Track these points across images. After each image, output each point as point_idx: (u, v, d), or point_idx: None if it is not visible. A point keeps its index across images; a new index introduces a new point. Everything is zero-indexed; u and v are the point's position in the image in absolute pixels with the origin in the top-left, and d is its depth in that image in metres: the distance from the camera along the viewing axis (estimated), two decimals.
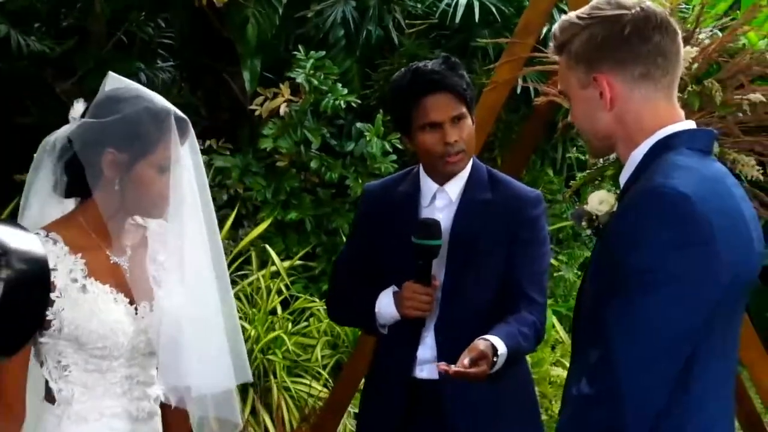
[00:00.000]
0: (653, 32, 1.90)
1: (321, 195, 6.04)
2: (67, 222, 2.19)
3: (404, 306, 2.70)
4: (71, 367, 2.14)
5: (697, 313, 1.76)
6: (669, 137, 1.91)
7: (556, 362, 5.68)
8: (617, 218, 1.92)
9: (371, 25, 6.39)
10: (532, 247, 2.78)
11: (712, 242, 1.75)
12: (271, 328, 5.20)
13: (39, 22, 6.75)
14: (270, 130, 5.87)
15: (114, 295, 2.18)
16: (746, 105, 3.49)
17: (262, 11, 6.00)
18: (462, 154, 2.74)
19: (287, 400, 4.90)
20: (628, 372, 1.75)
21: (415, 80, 2.74)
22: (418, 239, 2.68)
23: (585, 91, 1.95)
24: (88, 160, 2.14)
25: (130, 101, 2.16)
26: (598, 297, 1.89)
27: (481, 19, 6.05)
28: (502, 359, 2.50)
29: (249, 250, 5.67)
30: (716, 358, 1.88)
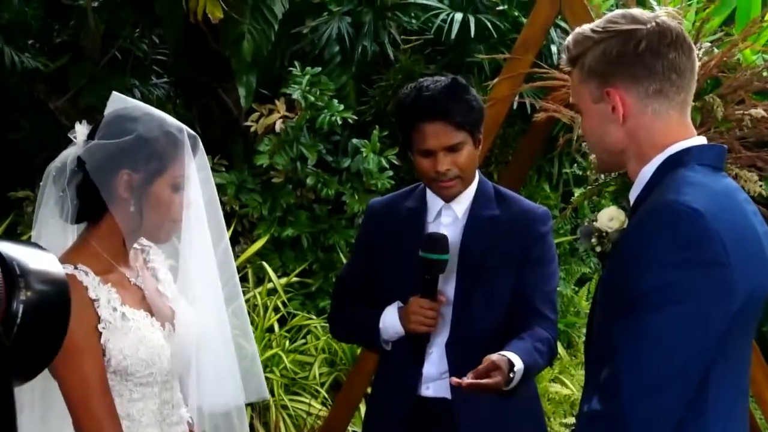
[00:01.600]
0: (668, 48, 1.89)
1: (317, 211, 6.03)
2: (83, 250, 2.14)
3: (410, 321, 2.68)
4: (116, 399, 2.09)
5: (709, 336, 1.74)
6: (680, 153, 1.90)
7: (555, 378, 5.67)
8: (627, 235, 1.91)
9: (367, 41, 6.39)
10: (542, 264, 2.78)
11: (725, 261, 1.74)
12: (268, 345, 5.18)
13: (32, 38, 6.75)
14: (266, 147, 5.86)
15: (150, 319, 2.15)
16: (747, 120, 3.49)
17: (257, 27, 5.99)
18: (456, 180, 2.74)
19: (285, 418, 4.88)
20: (633, 396, 1.73)
21: (416, 103, 2.74)
22: (425, 253, 2.67)
23: (597, 105, 1.94)
24: (102, 182, 2.10)
25: (142, 120, 2.13)
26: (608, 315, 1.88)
27: (476, 34, 6.07)
28: (519, 374, 2.49)
29: (245, 267, 5.65)
30: (730, 379, 1.86)
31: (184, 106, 6.58)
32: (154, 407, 2.16)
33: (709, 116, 3.45)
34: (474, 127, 2.76)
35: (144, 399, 2.13)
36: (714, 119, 3.46)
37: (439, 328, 2.72)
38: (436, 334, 2.73)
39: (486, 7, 6.32)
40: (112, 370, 2.07)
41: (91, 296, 2.04)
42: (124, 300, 2.11)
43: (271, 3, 6.07)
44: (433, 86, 2.74)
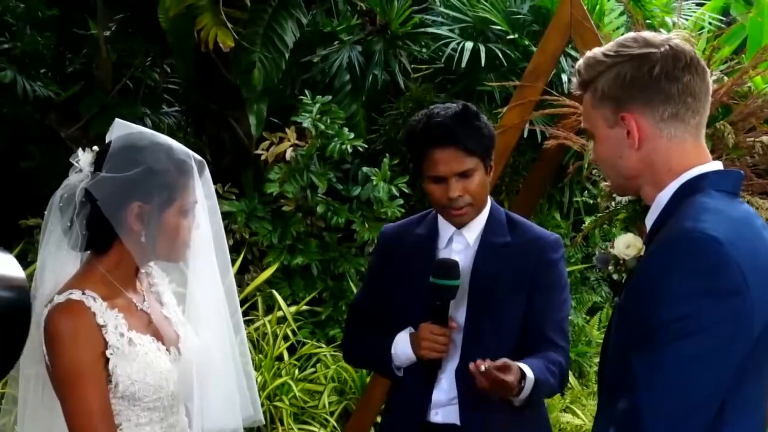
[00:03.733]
0: (683, 72, 1.87)
1: (327, 239, 6.00)
2: (91, 275, 2.13)
3: (421, 347, 2.67)
4: (123, 424, 2.08)
5: (727, 367, 1.72)
6: (696, 178, 1.87)
7: (566, 408, 5.62)
8: (645, 263, 1.87)
9: (377, 70, 6.40)
10: (553, 292, 2.77)
11: (745, 290, 1.71)
12: (277, 374, 5.16)
13: (44, 68, 6.76)
14: (276, 175, 5.84)
15: (156, 344, 2.14)
16: (759, 147, 3.47)
17: (268, 56, 5.99)
18: (467, 207, 2.73)
19: None
20: (655, 424, 1.71)
21: (427, 130, 2.73)
22: (436, 279, 2.67)
23: (612, 130, 1.91)
24: (113, 215, 2.09)
25: (150, 150, 2.12)
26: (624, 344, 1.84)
27: (487, 63, 6.05)
28: (529, 385, 2.50)
29: (255, 295, 5.65)
30: (747, 410, 1.83)
31: (195, 134, 6.58)
32: (161, 430, 2.12)
33: (721, 143, 3.43)
34: (485, 153, 2.75)
35: (151, 423, 2.12)
36: (725, 146, 3.44)
37: (449, 354, 2.71)
38: (447, 360, 2.73)
39: (496, 36, 6.32)
40: (119, 395, 2.05)
41: (99, 322, 2.04)
42: (131, 325, 2.10)
43: (282, 32, 6.07)
44: (444, 113, 2.74)
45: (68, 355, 2.00)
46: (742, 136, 3.53)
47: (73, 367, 2.00)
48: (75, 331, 2.01)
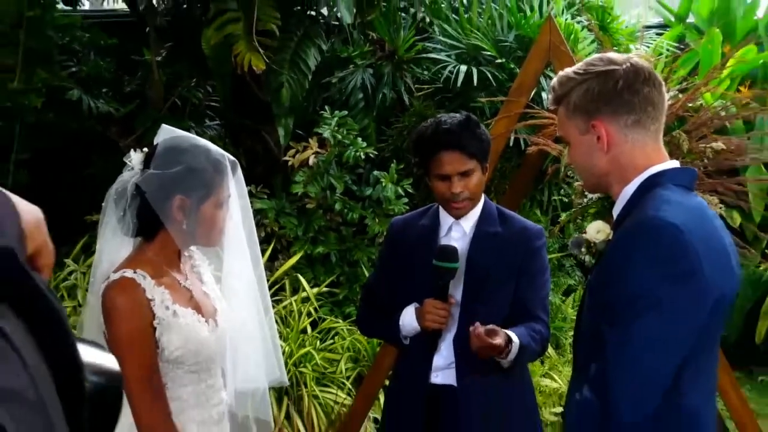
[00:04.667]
0: (643, 85, 1.87)
1: (344, 232, 6.00)
2: (141, 258, 2.12)
3: (424, 319, 2.68)
4: (169, 384, 2.07)
5: (685, 338, 1.72)
6: (657, 175, 1.86)
7: (545, 374, 5.60)
8: (613, 247, 1.87)
9: (386, 89, 6.41)
10: (537, 274, 2.76)
11: (700, 270, 1.70)
12: (302, 345, 5.16)
13: (106, 88, 6.78)
14: (301, 178, 5.86)
15: (197, 316, 2.13)
16: (709, 152, 3.47)
17: (294, 77, 6.01)
18: (467, 201, 2.74)
19: (316, 407, 4.84)
20: (621, 385, 1.70)
21: (435, 135, 2.73)
22: (438, 262, 2.67)
23: (584, 137, 1.91)
24: (159, 206, 2.09)
25: (191, 152, 2.11)
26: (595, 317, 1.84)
27: (478, 83, 6.07)
28: (515, 348, 2.51)
29: (283, 279, 5.64)
30: (701, 376, 1.82)
31: (232, 144, 6.57)
32: (200, 390, 2.14)
33: (677, 149, 3.43)
34: (483, 156, 2.76)
35: (191, 384, 2.11)
36: (681, 152, 3.44)
37: (448, 325, 2.72)
38: (446, 330, 2.73)
39: (486, 61, 6.32)
40: (165, 359, 2.05)
41: (148, 296, 2.03)
42: (175, 300, 2.09)
43: (306, 57, 6.08)
44: (450, 121, 2.75)
45: (122, 324, 1.99)
46: (695, 143, 3.53)
47: (127, 335, 1.99)
48: (128, 304, 2.00)
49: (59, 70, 6.75)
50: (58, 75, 6.67)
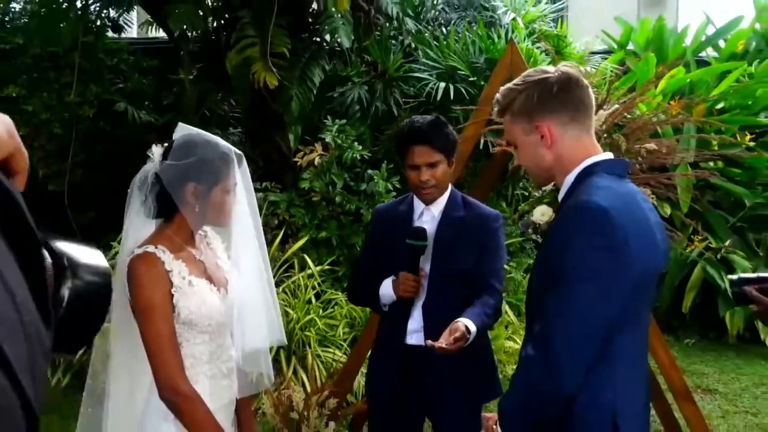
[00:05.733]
0: (574, 87, 1.82)
1: (343, 220, 5.95)
2: (161, 236, 2.05)
3: (399, 289, 2.63)
4: (184, 344, 2.00)
5: (614, 301, 1.65)
6: (592, 165, 1.80)
7: (509, 338, 5.55)
8: (554, 227, 1.81)
9: (378, 102, 6.35)
10: (493, 250, 2.68)
11: (626, 245, 1.65)
12: (307, 313, 5.10)
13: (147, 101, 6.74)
14: (307, 175, 5.81)
15: (209, 285, 2.06)
16: (643, 152, 3.41)
17: (302, 92, 5.97)
18: (433, 188, 2.67)
19: (318, 364, 4.79)
20: (559, 343, 1.65)
21: (409, 132, 2.67)
22: (411, 240, 2.63)
23: (528, 137, 1.85)
24: (175, 192, 2.02)
25: (202, 145, 2.05)
26: (541, 286, 1.78)
27: (454, 97, 6.01)
28: (473, 336, 2.44)
29: (292, 258, 5.60)
30: (632, 335, 1.77)
31: (251, 148, 6.52)
32: (211, 349, 2.07)
33: (617, 150, 3.37)
34: (449, 151, 2.68)
35: (204, 343, 2.04)
36: (620, 152, 3.37)
37: (419, 294, 2.66)
38: (417, 299, 2.66)
39: (461, 79, 6.27)
40: (181, 321, 1.98)
41: (167, 268, 1.97)
42: (191, 271, 2.02)
43: (312, 75, 6.04)
44: (422, 121, 2.69)
45: (144, 292, 1.93)
46: (632, 144, 3.46)
47: (148, 302, 1.93)
48: (148, 274, 1.94)
49: (109, 86, 6.71)
50: (108, 90, 6.64)
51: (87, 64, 6.43)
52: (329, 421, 3.85)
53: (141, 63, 7.03)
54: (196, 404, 1.97)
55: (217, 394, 2.07)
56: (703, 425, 3.60)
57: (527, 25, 7.11)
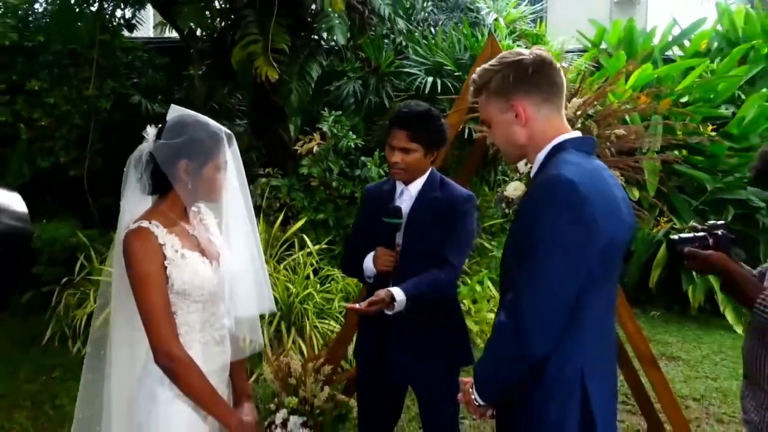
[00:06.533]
0: (548, 69, 1.72)
1: (339, 203, 5.85)
2: (156, 211, 1.95)
3: (376, 264, 2.55)
4: (178, 313, 1.91)
5: (579, 270, 1.57)
6: (562, 143, 1.71)
7: (490, 310, 5.46)
8: (525, 201, 1.71)
9: (371, 96, 6.25)
10: (458, 229, 2.55)
11: (592, 218, 1.56)
12: (306, 287, 5.01)
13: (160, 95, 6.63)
14: (307, 162, 5.72)
15: (201, 258, 1.96)
16: (613, 137, 3.32)
17: (301, 85, 5.87)
18: (401, 171, 2.56)
19: (316, 335, 4.71)
20: (529, 310, 1.57)
21: (396, 114, 2.57)
22: (386, 218, 2.54)
23: (504, 116, 1.75)
24: (168, 169, 1.92)
25: (193, 125, 1.94)
26: (513, 257, 1.69)
27: (441, 91, 5.91)
28: (401, 302, 2.39)
29: (293, 238, 5.51)
30: (599, 303, 1.68)
31: (256, 138, 6.42)
32: (204, 318, 1.98)
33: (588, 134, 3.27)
34: (428, 143, 2.55)
35: (197, 312, 1.95)
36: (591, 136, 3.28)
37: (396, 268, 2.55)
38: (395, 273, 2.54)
39: (448, 74, 6.18)
40: (175, 291, 1.89)
41: (160, 242, 1.87)
42: (184, 245, 1.93)
43: (310, 70, 5.94)
44: (411, 108, 2.57)
45: (139, 265, 1.84)
46: (602, 130, 3.37)
47: (143, 274, 1.84)
48: (142, 247, 1.85)
49: (124, 81, 6.60)
50: (124, 85, 6.52)
51: (104, 60, 6.31)
52: (324, 385, 3.78)
53: (154, 60, 6.91)
54: (191, 369, 1.88)
55: (209, 359, 1.98)
56: (668, 389, 3.53)
57: (508, 25, 7.01)
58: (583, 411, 1.63)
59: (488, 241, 6.16)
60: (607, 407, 1.70)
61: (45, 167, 6.21)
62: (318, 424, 3.71)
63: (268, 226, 5.47)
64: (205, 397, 1.92)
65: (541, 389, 1.64)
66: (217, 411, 1.94)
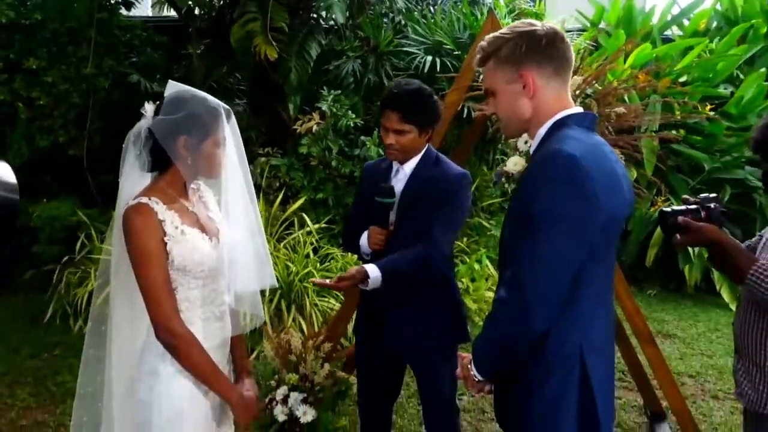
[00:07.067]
0: (560, 42, 1.68)
1: (338, 182, 5.82)
2: (155, 188, 1.93)
3: (369, 243, 2.54)
4: (179, 289, 1.90)
5: (581, 246, 1.55)
6: (565, 118, 1.69)
7: (488, 289, 5.47)
8: (526, 176, 1.69)
9: (370, 75, 6.18)
10: (447, 207, 2.49)
11: (593, 193, 1.54)
12: (306, 266, 5.01)
13: (158, 74, 6.56)
14: (306, 141, 5.68)
15: (201, 234, 1.94)
16: (613, 115, 3.29)
17: (300, 64, 5.81)
18: (396, 151, 2.52)
19: (316, 312, 4.72)
20: (530, 285, 1.55)
21: (387, 96, 2.52)
22: (379, 198, 2.52)
23: (510, 86, 1.71)
24: (168, 145, 1.89)
25: (191, 101, 1.92)
26: (513, 233, 1.68)
27: (441, 70, 5.84)
28: (375, 278, 2.39)
29: (293, 217, 5.50)
30: (598, 278, 1.67)
31: (255, 117, 6.38)
32: (205, 294, 1.96)
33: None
34: (422, 122, 2.50)
35: (197, 288, 1.94)
36: None
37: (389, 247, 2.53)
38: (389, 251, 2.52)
39: (447, 53, 6.10)
40: (175, 268, 1.87)
41: (160, 218, 1.85)
42: (183, 221, 1.91)
43: (309, 49, 5.88)
44: (400, 88, 2.50)
45: (139, 241, 1.83)
46: (602, 108, 3.35)
47: (143, 250, 1.83)
48: (143, 224, 1.83)
49: (123, 60, 6.53)
50: (122, 63, 6.46)
51: (102, 39, 6.24)
52: (324, 362, 3.78)
53: (153, 39, 6.83)
54: (192, 344, 1.88)
55: (210, 335, 1.97)
56: (664, 366, 3.55)
57: (508, 4, 6.92)
58: (582, 386, 1.63)
59: (487, 220, 6.15)
60: (605, 383, 1.70)
61: (44, 146, 6.17)
62: (318, 401, 3.72)
63: (268, 206, 5.45)
64: (206, 373, 1.92)
65: (541, 365, 1.64)
66: (218, 386, 1.94)
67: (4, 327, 5.26)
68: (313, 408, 3.67)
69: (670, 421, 3.87)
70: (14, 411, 3.92)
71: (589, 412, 1.63)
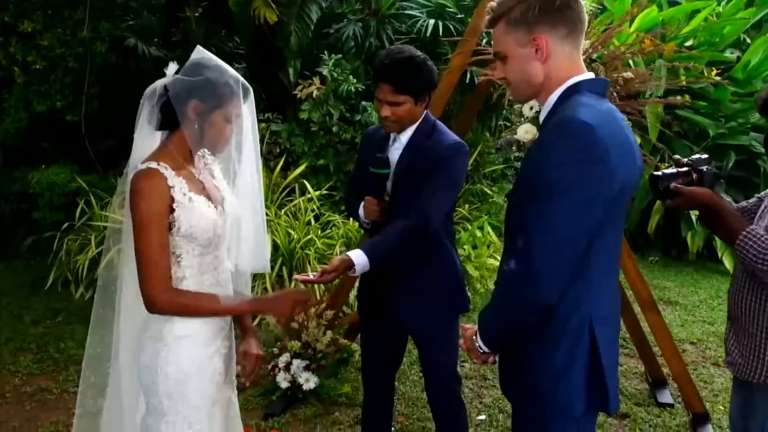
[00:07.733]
0: (574, 3, 1.61)
1: (339, 148, 5.78)
2: (164, 152, 1.90)
3: (365, 213, 2.52)
4: (183, 255, 1.89)
5: (593, 213, 1.51)
6: (576, 84, 1.63)
7: (490, 256, 5.45)
8: (538, 143, 1.64)
9: (372, 39, 6.10)
10: (439, 177, 2.41)
11: (607, 160, 1.49)
12: (307, 233, 4.99)
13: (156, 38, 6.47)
14: (306, 107, 5.61)
15: (207, 202, 1.93)
16: (620, 80, 3.23)
17: (300, 27, 5.72)
18: (392, 123, 2.45)
19: None
20: (542, 255, 1.51)
21: (377, 68, 2.43)
22: (373, 168, 2.48)
23: (523, 49, 1.63)
24: (178, 105, 1.87)
25: (213, 68, 1.88)
26: (522, 201, 1.63)
27: (443, 34, 5.76)
28: (362, 264, 2.30)
29: (293, 184, 5.47)
30: (607, 246, 1.63)
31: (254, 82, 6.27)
32: (208, 261, 1.95)
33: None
34: (416, 92, 2.41)
35: (202, 255, 1.93)
36: None
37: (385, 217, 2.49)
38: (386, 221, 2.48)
39: (450, 16, 6.02)
40: (182, 234, 1.86)
41: (169, 184, 1.84)
42: (191, 188, 1.90)
43: (309, 12, 5.78)
44: (392, 57, 2.39)
45: (144, 205, 1.81)
46: (610, 73, 3.28)
47: (146, 214, 1.81)
48: (150, 189, 1.81)
49: (120, 23, 6.41)
50: (119, 27, 6.34)
51: (98, 1, 6.12)
52: (326, 330, 3.78)
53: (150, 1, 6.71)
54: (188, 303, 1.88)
55: None
56: (667, 333, 3.54)
57: None
58: (591, 356, 1.61)
59: (489, 187, 6.11)
60: (611, 352, 1.68)
61: (42, 111, 6.09)
62: (321, 367, 3.73)
63: (269, 172, 5.40)
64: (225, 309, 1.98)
65: (550, 334, 1.61)
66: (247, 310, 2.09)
67: (7, 294, 5.25)
68: (316, 375, 3.68)
69: (671, 388, 3.88)
70: (18, 378, 3.94)
71: (598, 380, 1.62)
